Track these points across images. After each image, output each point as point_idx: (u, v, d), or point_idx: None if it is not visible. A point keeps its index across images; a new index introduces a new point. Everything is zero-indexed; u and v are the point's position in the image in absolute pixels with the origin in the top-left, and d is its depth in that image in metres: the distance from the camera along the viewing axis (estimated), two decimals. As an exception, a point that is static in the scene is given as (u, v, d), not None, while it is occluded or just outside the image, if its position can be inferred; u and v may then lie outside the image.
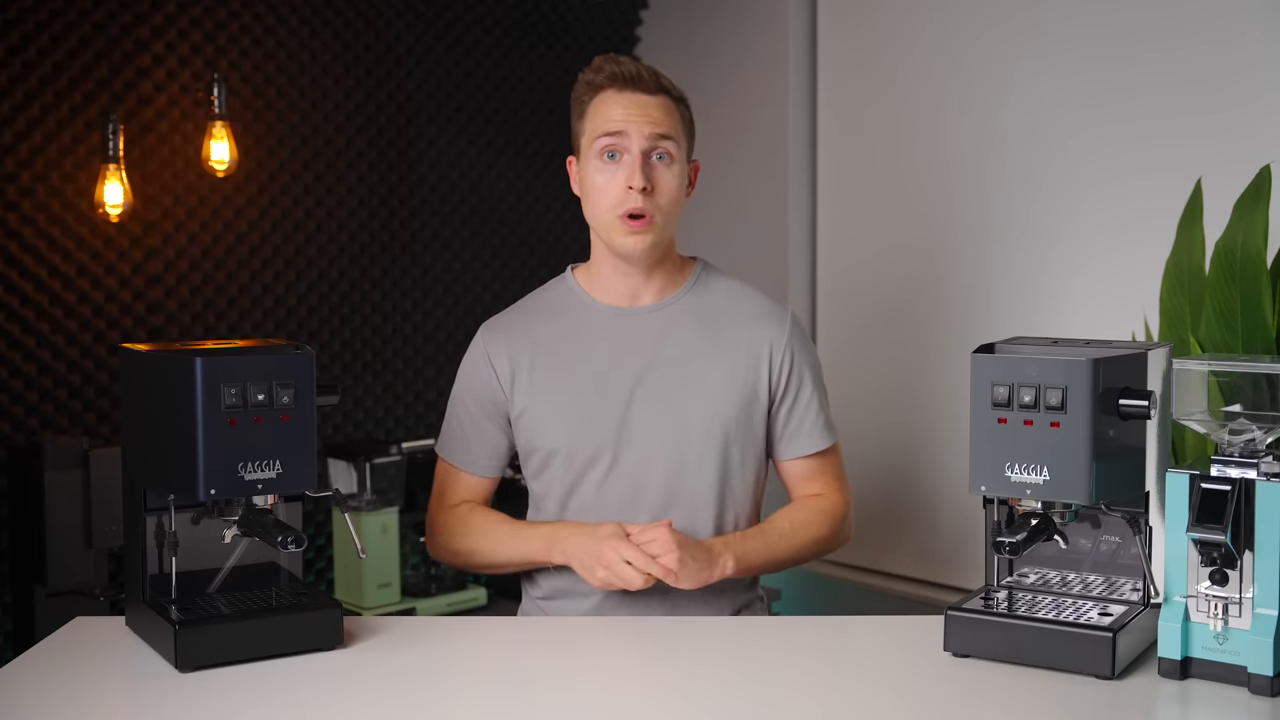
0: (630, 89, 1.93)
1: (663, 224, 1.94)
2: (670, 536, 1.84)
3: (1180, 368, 1.55)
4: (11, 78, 2.78)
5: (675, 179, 1.94)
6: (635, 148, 1.91)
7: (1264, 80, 2.46)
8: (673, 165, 1.94)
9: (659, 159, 1.93)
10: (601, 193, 1.93)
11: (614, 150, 1.92)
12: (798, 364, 2.02)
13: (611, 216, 1.93)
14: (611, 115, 1.92)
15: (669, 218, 1.95)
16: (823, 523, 2.01)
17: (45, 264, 2.84)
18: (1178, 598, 1.51)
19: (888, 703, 1.47)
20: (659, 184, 1.92)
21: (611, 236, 1.94)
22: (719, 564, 1.88)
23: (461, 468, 2.06)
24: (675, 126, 1.94)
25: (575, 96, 2.00)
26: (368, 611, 2.92)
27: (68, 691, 1.52)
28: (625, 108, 1.92)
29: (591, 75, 1.96)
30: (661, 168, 1.93)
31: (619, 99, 1.93)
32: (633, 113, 1.91)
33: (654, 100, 1.93)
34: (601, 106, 1.94)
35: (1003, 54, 2.91)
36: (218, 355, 1.58)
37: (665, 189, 1.93)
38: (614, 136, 1.91)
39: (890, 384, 3.16)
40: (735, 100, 3.51)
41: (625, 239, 1.93)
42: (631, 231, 1.92)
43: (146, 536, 1.68)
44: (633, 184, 1.90)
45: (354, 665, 1.61)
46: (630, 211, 1.91)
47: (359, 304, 3.33)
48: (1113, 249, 2.70)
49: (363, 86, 3.32)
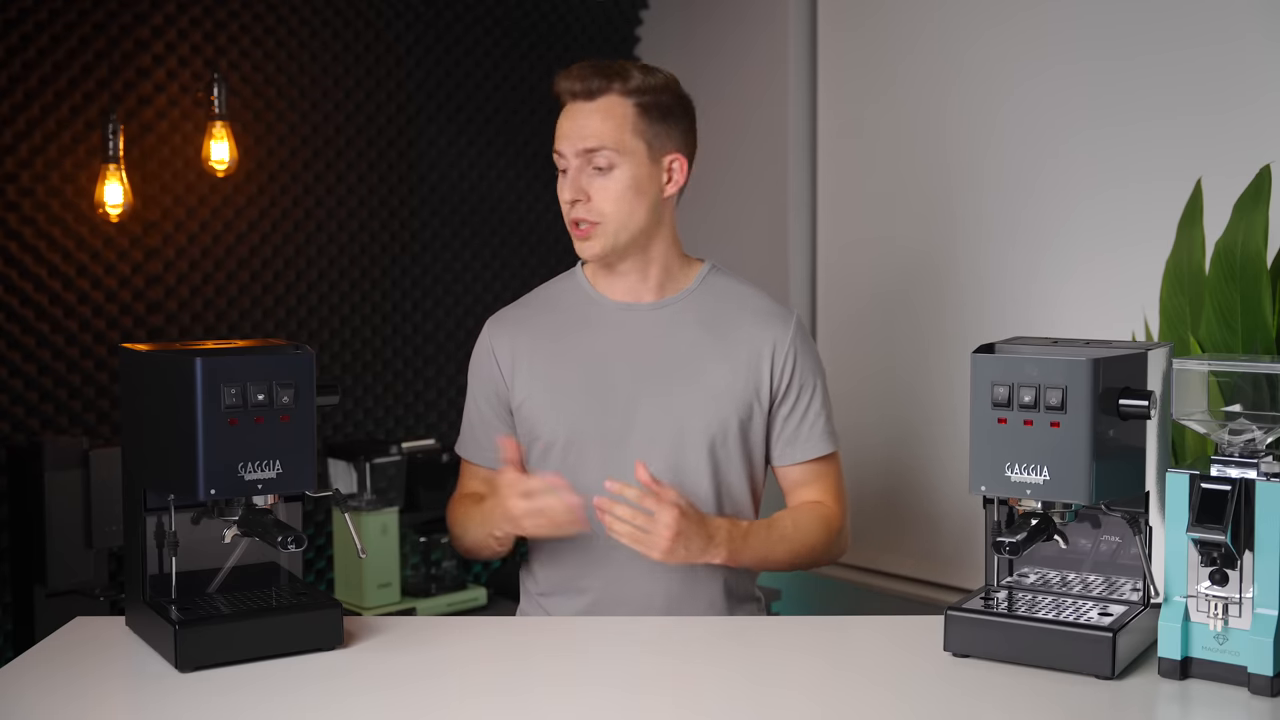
0: (574, 100, 1.97)
1: (612, 229, 1.96)
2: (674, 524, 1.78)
3: (1180, 368, 1.55)
4: (11, 78, 2.78)
5: (616, 184, 1.95)
6: (571, 164, 1.97)
7: (1264, 80, 2.46)
8: (610, 173, 1.95)
9: (595, 170, 1.96)
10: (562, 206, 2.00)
11: (561, 166, 1.99)
12: (800, 366, 2.02)
13: (568, 223, 2.00)
14: (558, 131, 1.99)
15: (619, 222, 1.96)
16: (822, 531, 2.00)
17: (45, 264, 2.84)
18: (1178, 598, 1.51)
19: (888, 703, 1.47)
20: (595, 192, 1.95)
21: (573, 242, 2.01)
22: (711, 554, 1.85)
23: (473, 461, 2.07)
24: (613, 132, 1.94)
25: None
26: (368, 611, 2.92)
27: (68, 691, 1.52)
28: (565, 121, 1.98)
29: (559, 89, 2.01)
30: (597, 177, 1.96)
31: (565, 113, 1.99)
32: (568, 127, 1.97)
33: (592, 106, 1.95)
34: (559, 122, 2.00)
35: (1002, 54, 2.91)
36: (218, 355, 1.58)
37: (605, 195, 1.95)
38: (557, 155, 1.99)
39: (890, 384, 3.16)
40: (735, 100, 3.51)
41: (576, 245, 2.00)
42: (579, 239, 1.98)
43: (146, 536, 1.68)
44: (564, 197, 1.97)
45: (354, 665, 1.61)
46: (573, 219, 1.97)
47: (359, 304, 3.33)
48: (1113, 249, 2.70)
49: (363, 86, 3.32)
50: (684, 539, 1.80)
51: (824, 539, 2.00)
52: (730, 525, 1.90)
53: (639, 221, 1.97)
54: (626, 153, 1.94)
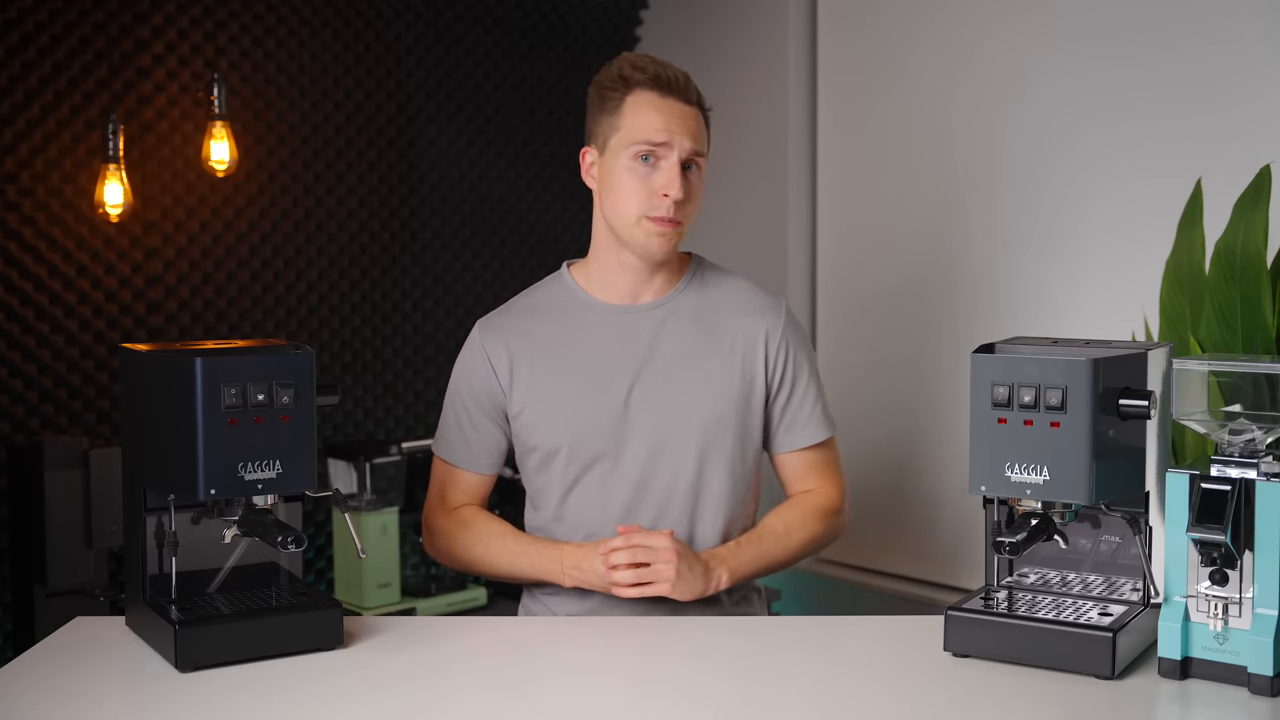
0: (672, 96, 1.93)
1: (685, 231, 1.97)
2: (672, 545, 1.85)
3: (1180, 368, 1.55)
4: (11, 78, 2.78)
5: (702, 186, 1.98)
6: (675, 159, 1.92)
7: (1264, 80, 2.46)
8: (701, 177, 1.97)
9: (690, 170, 1.94)
10: (630, 194, 1.93)
11: (651, 155, 1.92)
12: (793, 355, 2.02)
13: (635, 216, 1.93)
14: (653, 122, 1.91)
15: (689, 225, 1.98)
16: (817, 520, 2.01)
17: (45, 264, 2.84)
18: (1178, 598, 1.51)
19: (887, 703, 1.47)
20: (690, 195, 1.95)
21: (634, 235, 1.94)
22: (714, 578, 1.90)
23: (460, 466, 2.05)
24: (705, 141, 1.98)
25: (603, 87, 1.97)
26: (368, 611, 2.92)
27: (68, 691, 1.52)
28: (668, 116, 1.92)
29: (630, 71, 1.94)
30: (694, 178, 1.95)
31: (661, 105, 1.92)
32: (675, 123, 1.92)
33: (691, 111, 1.95)
34: (641, 109, 1.92)
35: (1002, 54, 2.91)
36: (218, 355, 1.58)
37: (695, 200, 1.96)
38: (657, 145, 1.91)
39: (891, 384, 3.16)
40: (735, 100, 3.51)
41: (651, 239, 1.93)
42: (660, 233, 1.93)
43: (146, 536, 1.68)
44: (671, 193, 1.91)
45: (354, 665, 1.61)
46: (661, 216, 1.92)
47: (359, 304, 3.33)
48: (1113, 249, 2.70)
49: (363, 86, 3.32)
50: (685, 563, 1.86)
51: (821, 528, 2.02)
52: (721, 550, 1.94)
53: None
54: (706, 159, 1.98)
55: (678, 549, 1.85)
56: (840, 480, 2.07)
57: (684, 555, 1.86)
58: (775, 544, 1.97)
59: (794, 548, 1.98)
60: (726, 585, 1.91)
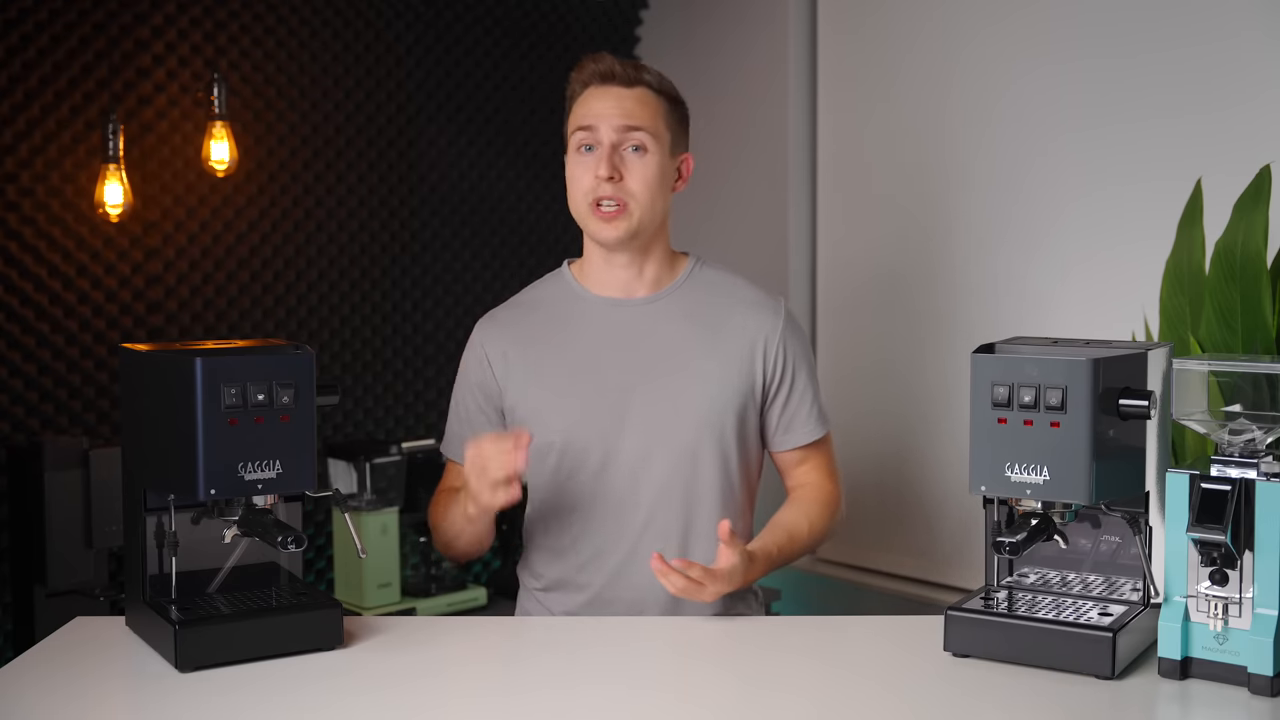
0: (607, 84, 1.98)
1: (639, 212, 1.96)
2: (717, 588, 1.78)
3: (1180, 368, 1.55)
4: (11, 78, 2.78)
5: (650, 168, 1.96)
6: (605, 139, 1.95)
7: (1264, 80, 2.46)
8: (645, 155, 1.96)
9: (632, 150, 1.96)
10: (576, 182, 1.98)
11: (589, 143, 1.97)
12: (792, 355, 2.02)
13: (585, 205, 1.97)
14: (587, 110, 1.97)
15: (645, 206, 1.96)
16: (828, 516, 2.03)
17: (45, 264, 2.84)
18: (1178, 598, 1.51)
19: (887, 703, 1.47)
20: (629, 172, 1.95)
21: (587, 224, 1.98)
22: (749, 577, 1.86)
23: (459, 461, 2.06)
24: (650, 118, 1.97)
25: (568, 97, 2.05)
26: (368, 611, 2.92)
27: (68, 691, 1.52)
28: (599, 101, 1.97)
29: (576, 74, 2.02)
30: (634, 158, 1.96)
31: (596, 94, 1.98)
32: (605, 106, 1.96)
33: (629, 93, 1.97)
34: (583, 102, 1.99)
35: (1002, 53, 2.91)
36: (218, 355, 1.58)
37: (637, 177, 1.95)
38: (587, 130, 1.96)
39: (890, 383, 3.16)
40: (735, 100, 3.51)
41: (598, 227, 1.96)
42: (603, 220, 1.95)
43: (146, 536, 1.68)
44: (599, 172, 1.94)
45: (354, 665, 1.61)
46: (599, 198, 1.94)
47: (359, 304, 3.33)
48: (1113, 249, 2.70)
49: (363, 86, 3.32)
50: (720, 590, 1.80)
51: (831, 524, 2.04)
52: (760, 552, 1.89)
53: (658, 212, 1.99)
54: (659, 140, 1.98)
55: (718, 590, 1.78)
56: (836, 473, 2.09)
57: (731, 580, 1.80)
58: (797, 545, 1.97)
59: (808, 545, 2.01)
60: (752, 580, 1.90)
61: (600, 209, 1.95)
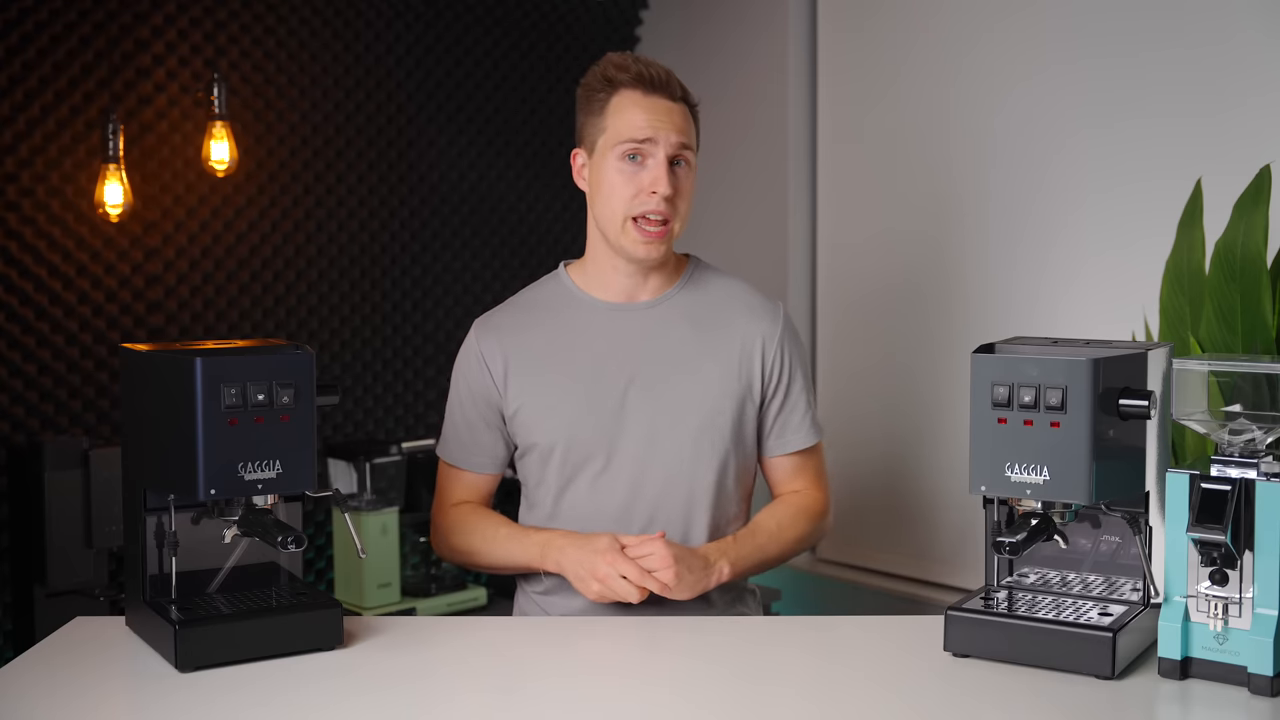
0: (656, 94, 1.93)
1: (678, 228, 1.96)
2: (667, 550, 1.84)
3: (1180, 368, 1.55)
4: (11, 78, 2.78)
5: (692, 183, 1.97)
6: (662, 155, 1.91)
7: (1264, 80, 2.46)
8: (690, 172, 1.96)
9: (679, 165, 1.94)
10: (617, 192, 1.93)
11: (638, 154, 1.92)
12: (789, 361, 2.02)
13: (622, 217, 1.93)
14: (637, 120, 1.92)
15: (682, 223, 1.97)
16: (805, 520, 2.03)
17: (45, 264, 2.84)
18: (1178, 598, 1.50)
19: (887, 703, 1.47)
20: (680, 190, 1.94)
21: (622, 242, 1.94)
22: (715, 571, 1.90)
23: (460, 466, 2.06)
24: (692, 134, 1.97)
25: (590, 89, 1.98)
26: (368, 611, 2.92)
27: (68, 691, 1.52)
28: (652, 113, 1.92)
29: (614, 72, 1.95)
30: (682, 174, 1.95)
31: (645, 103, 1.93)
32: (660, 119, 1.92)
33: (677, 108, 1.95)
34: (626, 107, 1.93)
35: (1002, 53, 2.91)
36: (218, 355, 1.58)
37: (685, 195, 1.96)
38: (644, 143, 1.91)
39: (891, 383, 3.16)
40: (735, 100, 3.51)
41: (638, 247, 1.94)
42: (647, 239, 1.93)
43: (146, 536, 1.68)
44: (659, 189, 1.90)
45: (354, 665, 1.61)
46: (650, 213, 1.92)
47: (359, 304, 3.33)
48: (1113, 249, 2.70)
49: (362, 86, 3.32)
50: (684, 565, 1.85)
51: (808, 527, 2.03)
52: (720, 544, 1.94)
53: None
54: (695, 155, 1.98)
55: (674, 552, 1.85)
56: (825, 484, 2.09)
57: (681, 556, 1.85)
58: (770, 540, 1.98)
59: (786, 545, 2.00)
60: (728, 578, 1.91)
61: (643, 226, 1.92)
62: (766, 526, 1.99)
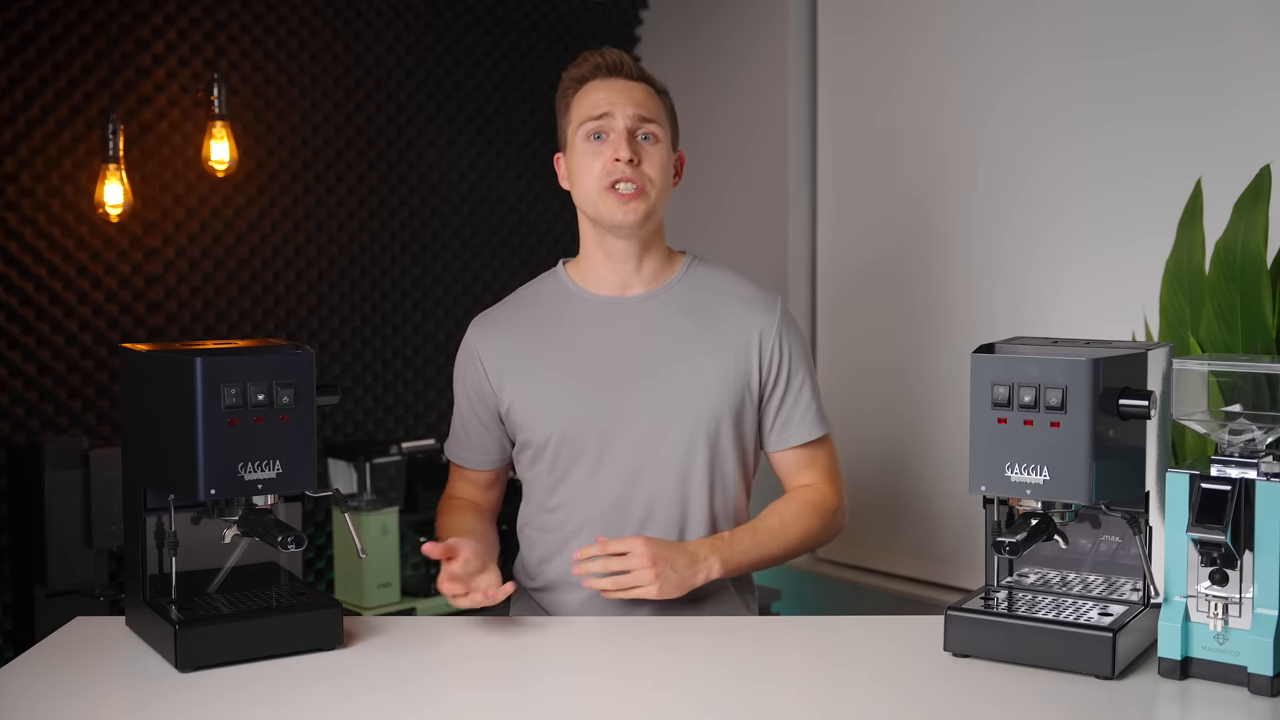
0: (613, 76, 1.99)
1: (655, 197, 1.96)
2: (645, 548, 1.83)
3: (1180, 368, 1.55)
4: (11, 78, 2.78)
5: (661, 157, 1.98)
6: (620, 125, 1.95)
7: (1263, 80, 2.46)
8: (658, 145, 1.98)
9: (644, 139, 1.97)
10: (587, 171, 1.96)
11: (600, 131, 1.96)
12: (788, 352, 2.02)
13: (598, 189, 1.95)
14: (595, 99, 1.97)
15: (660, 193, 1.97)
16: (813, 516, 2.00)
17: (45, 264, 2.84)
18: (1178, 598, 1.50)
19: (887, 703, 1.47)
20: (645, 158, 1.96)
21: (601, 208, 1.96)
22: (702, 568, 1.88)
23: (459, 463, 2.08)
24: (657, 111, 1.99)
25: (561, 93, 2.04)
26: (368, 611, 2.92)
27: (68, 691, 1.52)
28: (609, 91, 1.97)
29: (575, 70, 2.02)
30: (647, 146, 1.97)
31: (603, 85, 1.98)
32: (616, 95, 1.97)
33: (636, 85, 1.99)
34: (587, 94, 1.99)
35: (1002, 53, 2.91)
36: (218, 355, 1.58)
37: (653, 162, 1.96)
38: (600, 119, 1.96)
39: (891, 383, 3.16)
40: (735, 100, 3.51)
41: (615, 211, 1.94)
42: (621, 201, 1.94)
43: (146, 536, 1.68)
44: (619, 155, 1.93)
45: (354, 665, 1.61)
46: (617, 180, 1.93)
47: (359, 304, 3.33)
48: (1113, 249, 2.70)
49: (362, 86, 3.32)
50: (667, 563, 1.84)
51: (817, 524, 2.01)
52: (711, 539, 1.93)
53: (664, 202, 2.00)
54: (665, 133, 1.99)
55: (652, 552, 1.83)
56: (837, 478, 2.06)
57: (661, 556, 1.84)
58: (770, 537, 1.96)
59: (790, 542, 1.98)
60: (718, 575, 1.90)
61: (617, 190, 1.94)
62: (768, 523, 1.98)
